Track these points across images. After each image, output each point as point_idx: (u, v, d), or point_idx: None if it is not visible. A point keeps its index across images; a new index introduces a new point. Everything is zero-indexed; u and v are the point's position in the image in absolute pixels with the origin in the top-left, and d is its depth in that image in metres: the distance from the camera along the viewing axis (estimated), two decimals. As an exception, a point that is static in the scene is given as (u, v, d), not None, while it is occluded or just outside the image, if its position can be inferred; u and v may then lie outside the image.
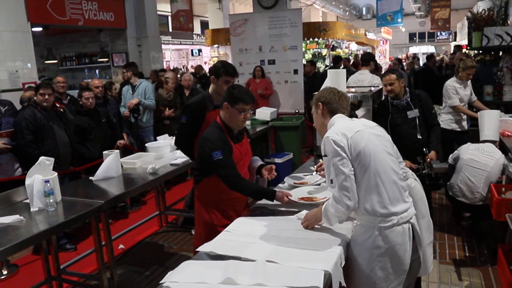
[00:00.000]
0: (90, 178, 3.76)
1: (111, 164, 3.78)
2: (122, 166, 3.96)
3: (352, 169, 2.12)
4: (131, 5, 8.98)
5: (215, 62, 15.71)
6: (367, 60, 5.92)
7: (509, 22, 6.62)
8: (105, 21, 8.35)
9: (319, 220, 2.30)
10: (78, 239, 4.74)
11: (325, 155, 2.18)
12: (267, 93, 8.22)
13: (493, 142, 4.13)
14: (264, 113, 6.37)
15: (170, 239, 4.76)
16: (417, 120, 3.99)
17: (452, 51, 14.45)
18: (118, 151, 4.00)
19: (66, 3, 7.41)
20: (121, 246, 4.56)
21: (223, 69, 3.28)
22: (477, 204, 3.92)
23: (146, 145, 4.67)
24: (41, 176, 3.04)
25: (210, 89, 3.39)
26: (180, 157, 4.25)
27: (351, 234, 2.30)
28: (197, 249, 2.22)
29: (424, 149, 3.90)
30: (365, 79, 5.60)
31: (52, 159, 3.25)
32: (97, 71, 9.84)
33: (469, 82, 5.12)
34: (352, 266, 2.24)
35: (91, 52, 9.71)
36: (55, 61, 9.91)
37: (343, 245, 2.18)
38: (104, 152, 3.89)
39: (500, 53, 6.37)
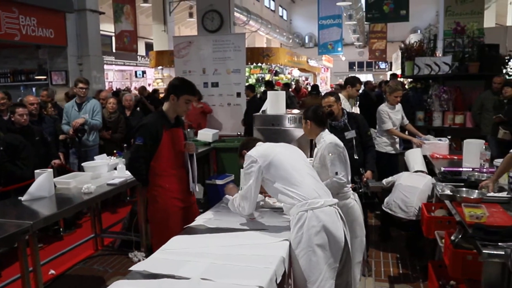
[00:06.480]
0: (19, 198, 3.55)
1: (43, 183, 3.59)
2: (55, 186, 3.79)
3: (260, 179, 2.59)
4: (73, 22, 8.72)
5: (159, 84, 15.63)
6: (346, 83, 5.25)
7: (437, 53, 7.10)
8: (44, 38, 8.04)
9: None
10: (2, 265, 4.40)
11: (242, 167, 2.71)
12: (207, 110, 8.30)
13: (422, 172, 4.36)
14: (206, 134, 6.35)
15: (105, 262, 4.56)
16: (354, 141, 4.12)
17: (388, 79, 15.22)
18: (51, 170, 3.82)
19: (1, 16, 7.06)
20: (52, 271, 4.29)
21: (184, 87, 3.18)
22: (412, 219, 4.07)
23: (82, 164, 4.48)
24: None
25: (165, 107, 3.24)
26: (118, 177, 4.13)
27: (287, 251, 2.34)
28: (130, 268, 2.14)
29: (361, 169, 4.03)
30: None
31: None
32: (33, 89, 9.40)
33: (399, 106, 5.38)
34: (294, 261, 2.48)
35: (28, 69, 9.29)
36: (-12, 77, 9.41)
37: (279, 261, 2.19)
38: (36, 171, 3.70)
39: (430, 81, 6.78)
